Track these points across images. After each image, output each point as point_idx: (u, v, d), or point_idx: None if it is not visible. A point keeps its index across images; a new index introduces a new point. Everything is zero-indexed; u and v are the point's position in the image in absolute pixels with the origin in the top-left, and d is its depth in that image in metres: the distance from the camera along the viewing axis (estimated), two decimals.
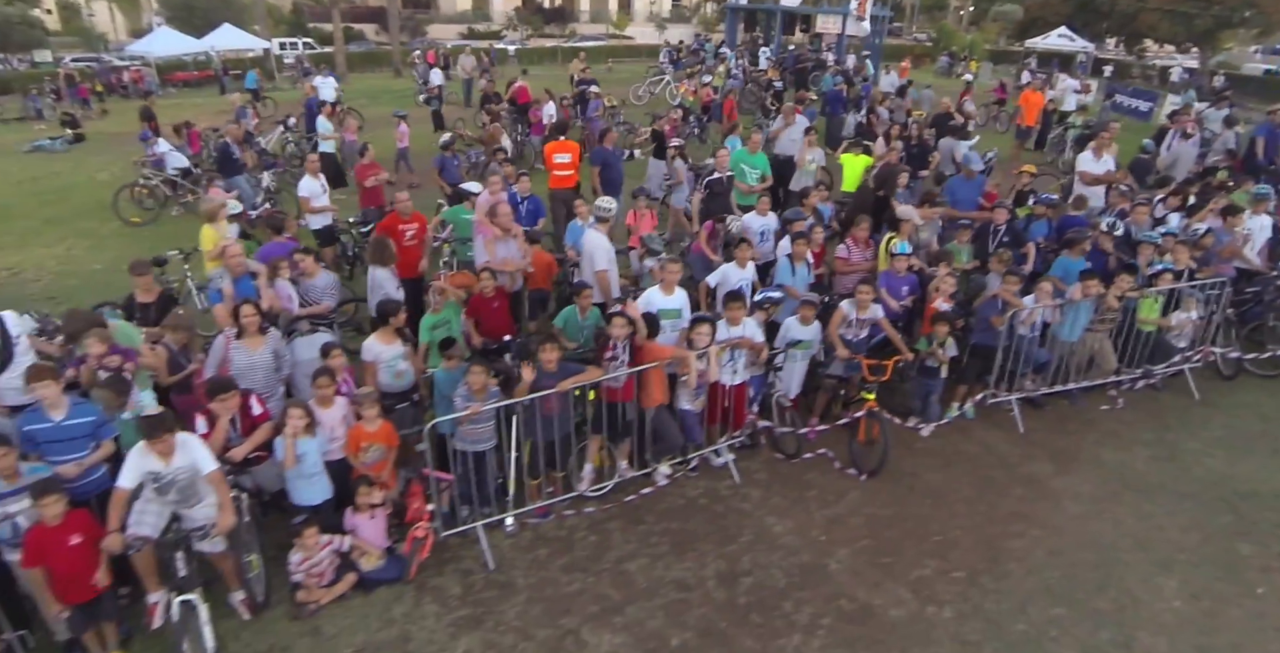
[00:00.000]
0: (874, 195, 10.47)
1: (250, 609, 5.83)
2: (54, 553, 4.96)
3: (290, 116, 18.67)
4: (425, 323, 7.24)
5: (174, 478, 5.26)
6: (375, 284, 8.03)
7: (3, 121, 26.25)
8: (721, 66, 23.65)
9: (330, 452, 6.22)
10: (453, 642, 5.65)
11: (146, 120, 17.35)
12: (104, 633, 5.42)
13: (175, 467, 5.22)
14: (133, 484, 5.15)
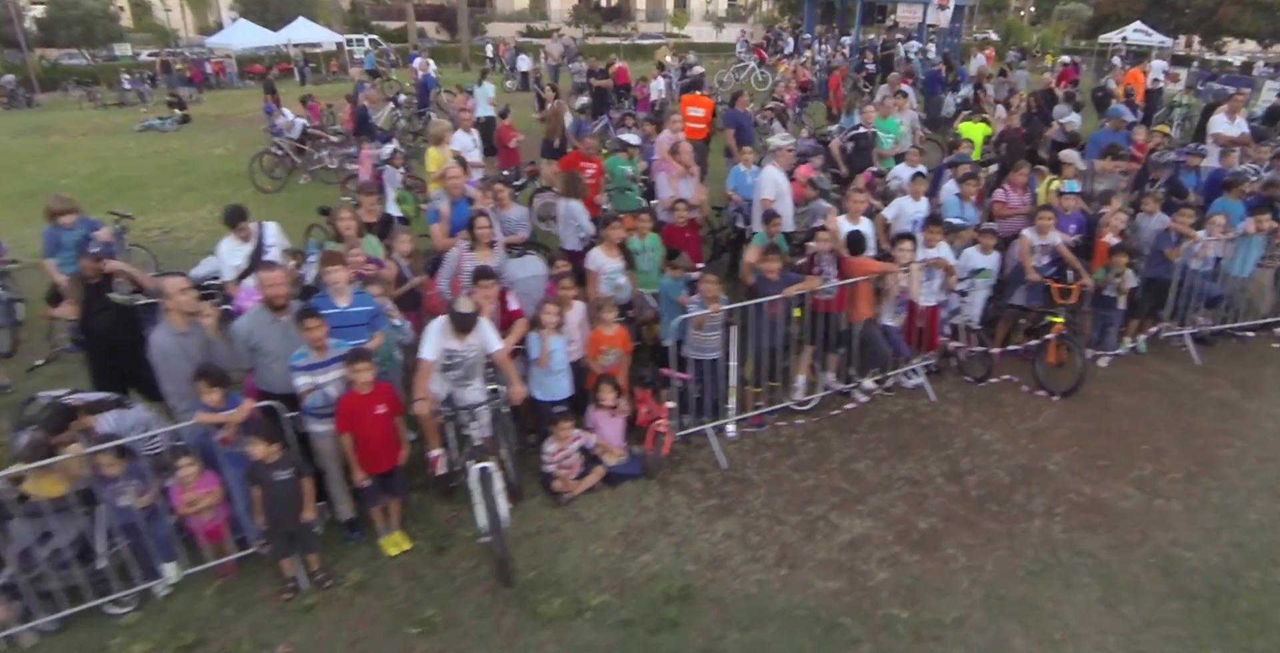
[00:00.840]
0: (1024, 147, 10.77)
1: (510, 498, 6.20)
2: (362, 420, 5.36)
3: (399, 94, 19.24)
4: (633, 246, 7.60)
5: (465, 356, 5.66)
6: (568, 215, 8.40)
7: (103, 107, 27.25)
8: (808, 52, 24.07)
9: (569, 353, 6.57)
10: (710, 526, 5.98)
11: (269, 93, 18.00)
12: (389, 511, 5.82)
13: (468, 345, 5.63)
14: (434, 357, 5.56)
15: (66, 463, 4.87)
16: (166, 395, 5.44)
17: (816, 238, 6.99)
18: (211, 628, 5.13)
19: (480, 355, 5.75)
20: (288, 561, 5.39)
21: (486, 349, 5.70)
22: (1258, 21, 34.02)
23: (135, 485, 5.08)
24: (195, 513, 5.26)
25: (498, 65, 32.58)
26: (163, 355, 5.28)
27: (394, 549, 5.75)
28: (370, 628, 5.14)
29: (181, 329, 5.31)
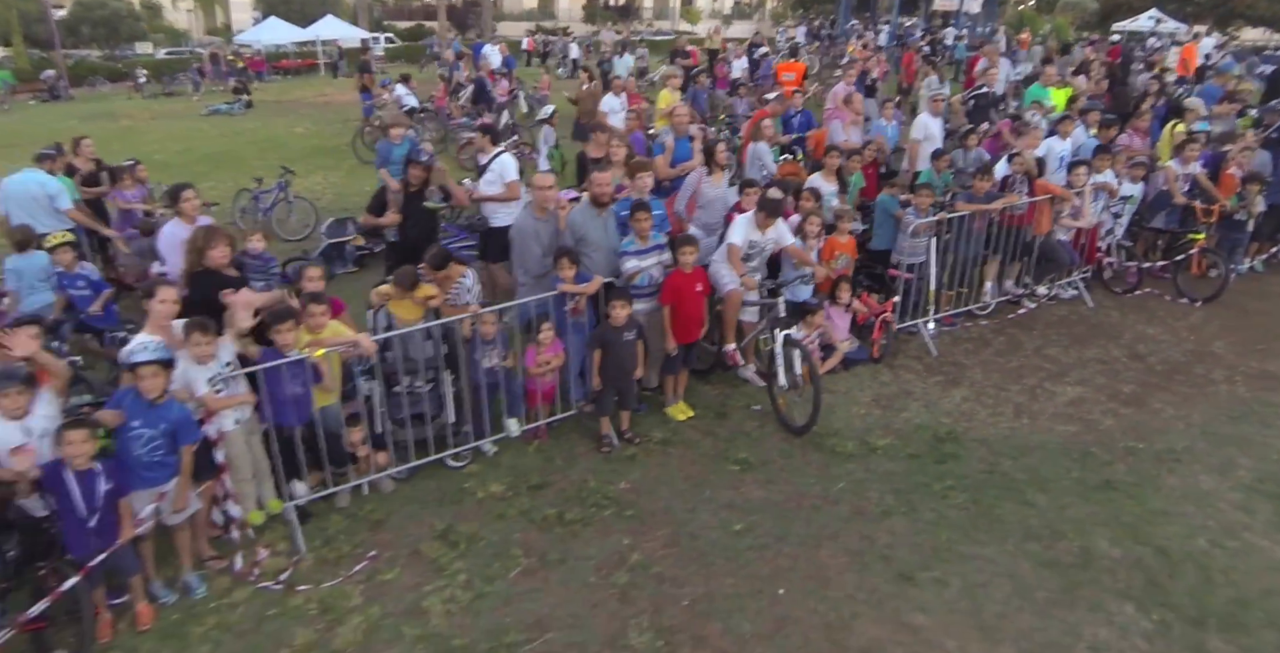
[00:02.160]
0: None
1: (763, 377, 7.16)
2: (683, 295, 6.29)
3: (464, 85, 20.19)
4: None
5: (762, 247, 6.63)
6: (755, 156, 9.39)
7: (152, 96, 27.89)
8: (858, 39, 25.30)
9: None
10: (946, 393, 6.99)
11: (363, 72, 18.84)
12: (679, 382, 6.75)
13: (767, 238, 6.59)
14: (741, 244, 6.51)
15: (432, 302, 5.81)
16: (515, 270, 6.34)
17: (1013, 162, 8.03)
18: (550, 474, 6.01)
19: (772, 247, 6.71)
20: (605, 419, 6.29)
21: (781, 243, 6.67)
22: (1274, 6, 35.26)
23: (498, 348, 5.95)
24: (542, 374, 6.14)
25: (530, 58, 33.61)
26: (520, 235, 6.21)
27: (681, 416, 6.67)
28: (694, 467, 6.05)
29: (540, 217, 6.23)
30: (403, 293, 5.77)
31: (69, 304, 6.77)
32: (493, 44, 22.53)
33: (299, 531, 5.28)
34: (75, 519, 4.22)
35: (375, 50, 38.67)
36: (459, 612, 4.69)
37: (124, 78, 32.01)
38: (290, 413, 5.15)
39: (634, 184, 6.70)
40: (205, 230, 5.69)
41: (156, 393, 4.41)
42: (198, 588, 4.85)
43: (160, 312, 4.80)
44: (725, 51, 21.26)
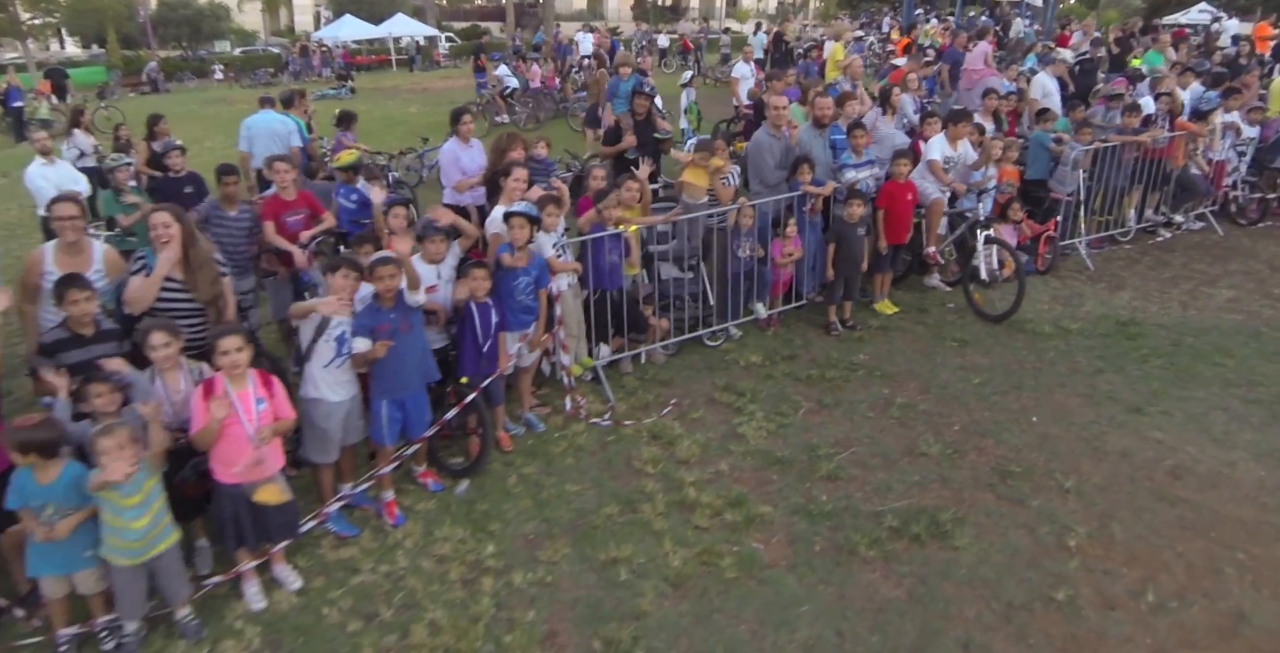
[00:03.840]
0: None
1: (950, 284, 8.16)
2: (895, 201, 7.30)
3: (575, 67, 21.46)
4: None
5: (955, 162, 7.65)
6: (901, 106, 10.40)
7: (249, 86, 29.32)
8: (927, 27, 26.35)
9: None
10: (1114, 294, 7.97)
11: (478, 55, 20.09)
12: (885, 279, 7.75)
13: (959, 153, 7.61)
14: (940, 158, 7.52)
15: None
16: (751, 181, 7.38)
17: (1160, 101, 9.02)
18: (795, 349, 7.02)
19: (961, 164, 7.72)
20: (833, 308, 7.31)
21: (967, 159, 7.68)
22: None
23: (751, 241, 6.99)
24: (785, 265, 7.17)
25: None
26: (757, 150, 7.25)
27: (888, 310, 7.69)
28: (918, 344, 7.05)
29: (774, 135, 7.27)
30: (704, 158, 6.80)
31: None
32: (585, 32, 23.78)
33: (607, 383, 6.34)
34: (474, 345, 5.26)
35: (442, 47, 40.19)
36: (769, 436, 5.72)
37: (207, 74, 33.57)
38: (606, 280, 6.20)
39: (844, 111, 7.75)
40: (507, 135, 6.83)
41: (524, 240, 5.41)
42: (537, 424, 5.91)
43: (514, 187, 5.86)
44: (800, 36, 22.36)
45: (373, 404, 4.71)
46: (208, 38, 39.98)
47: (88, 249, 4.98)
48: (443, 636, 3.98)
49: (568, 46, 21.03)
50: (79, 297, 4.24)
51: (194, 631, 4.01)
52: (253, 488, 4.02)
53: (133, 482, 3.64)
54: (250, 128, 9.11)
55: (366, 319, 4.54)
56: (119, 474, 3.50)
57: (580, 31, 24.16)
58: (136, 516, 3.69)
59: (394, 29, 36.60)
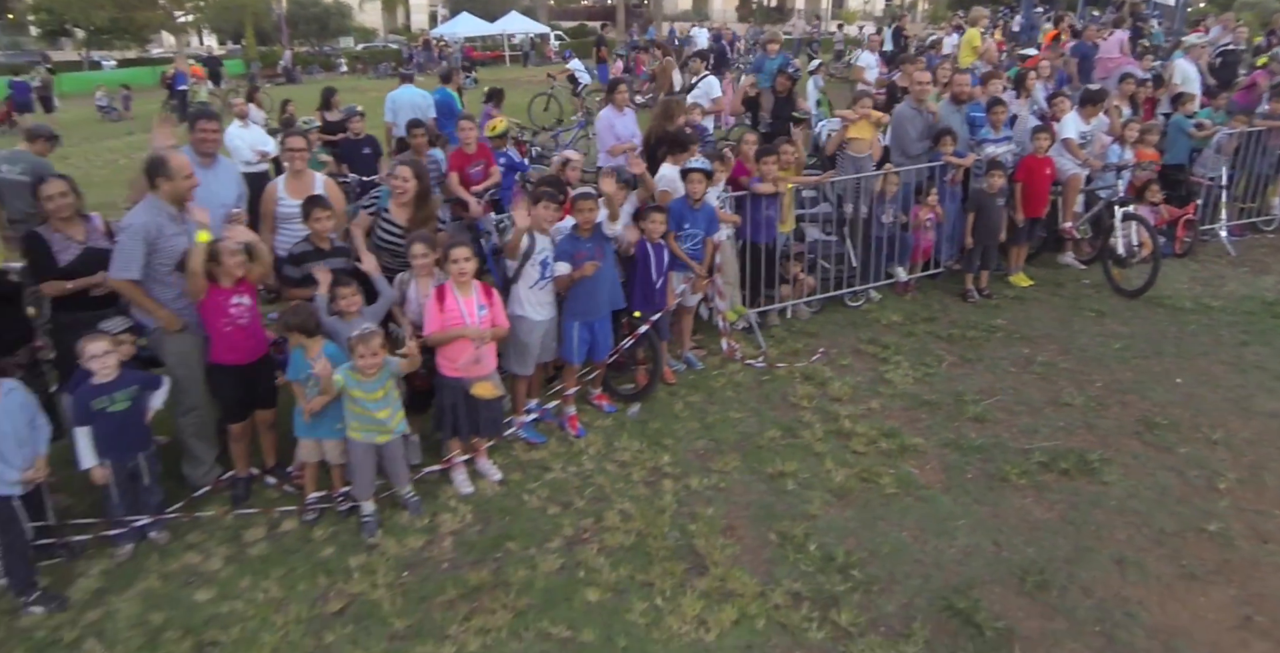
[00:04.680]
0: None
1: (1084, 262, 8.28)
2: (1034, 175, 7.47)
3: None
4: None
5: (1089, 137, 7.79)
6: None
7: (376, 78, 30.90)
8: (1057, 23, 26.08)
9: None
10: (1257, 277, 7.98)
11: (599, 47, 20.90)
12: (1020, 252, 7.93)
13: (1093, 127, 7.75)
14: (1076, 136, 7.68)
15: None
16: (894, 151, 7.68)
17: None
18: (934, 312, 7.27)
19: (1096, 141, 7.86)
20: (970, 276, 7.55)
21: (1101, 138, 7.82)
22: None
23: (894, 207, 7.31)
24: (926, 230, 7.45)
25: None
26: (899, 121, 7.59)
27: (1023, 282, 7.86)
28: (1056, 313, 7.22)
29: (917, 108, 7.57)
30: (865, 106, 7.33)
31: None
32: (700, 27, 24.34)
33: (759, 331, 6.75)
34: (648, 282, 5.72)
35: (553, 44, 41.36)
36: (915, 382, 6.04)
37: (333, 68, 35.42)
38: (761, 233, 6.61)
39: (985, 89, 7.99)
40: (676, 101, 7.33)
41: (699, 195, 5.87)
42: (696, 363, 6.36)
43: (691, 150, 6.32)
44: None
45: (564, 325, 5.24)
46: (333, 34, 42.16)
47: (310, 179, 5.66)
48: (633, 522, 4.46)
49: (685, 39, 21.60)
50: (321, 215, 4.90)
51: (415, 506, 4.60)
52: (470, 383, 4.59)
53: (378, 379, 4.25)
54: (394, 101, 10.02)
55: (567, 246, 5.08)
56: (371, 371, 4.13)
57: (695, 27, 24.71)
58: (379, 407, 4.29)
59: (508, 26, 37.85)
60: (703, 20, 59.61)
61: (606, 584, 3.99)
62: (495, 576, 4.08)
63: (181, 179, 4.45)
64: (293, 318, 4.33)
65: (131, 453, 4.22)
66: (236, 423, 4.66)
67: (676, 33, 24.84)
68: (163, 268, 4.45)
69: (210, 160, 5.18)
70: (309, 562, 4.23)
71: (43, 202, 4.53)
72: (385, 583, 4.04)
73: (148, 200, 4.48)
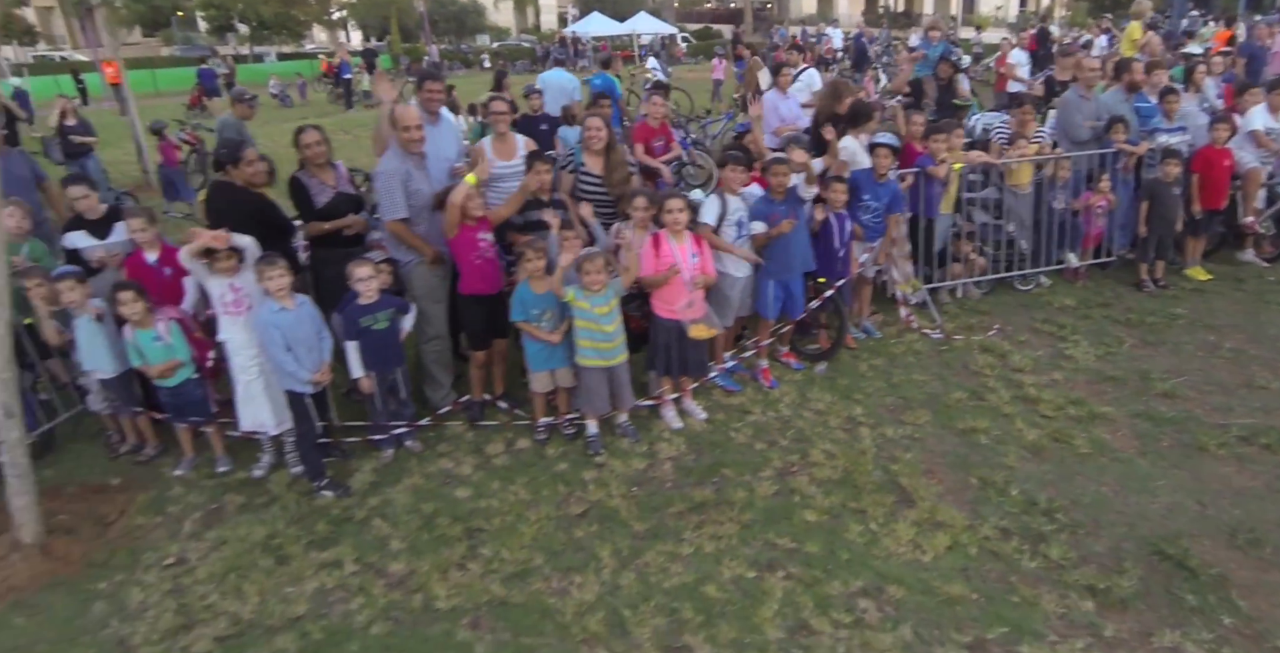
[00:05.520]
0: None
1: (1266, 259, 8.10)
2: (1211, 166, 7.38)
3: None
4: None
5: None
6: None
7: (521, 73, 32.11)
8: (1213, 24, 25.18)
9: None
10: None
11: (735, 45, 21.33)
12: (1198, 245, 7.83)
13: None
14: (1263, 127, 7.56)
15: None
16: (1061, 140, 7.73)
17: None
18: (1107, 299, 7.24)
19: None
20: (1144, 266, 7.52)
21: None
22: None
23: (1066, 193, 7.36)
24: (1099, 215, 7.47)
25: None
26: (1067, 108, 7.64)
27: (1201, 276, 7.75)
28: (1238, 305, 7.06)
29: (1085, 94, 7.63)
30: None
31: None
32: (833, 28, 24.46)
33: (933, 305, 6.95)
34: (830, 250, 6.00)
35: (680, 45, 41.98)
36: (1097, 359, 6.13)
37: (471, 64, 36.94)
38: (935, 210, 6.80)
39: (1149, 80, 7.97)
40: (844, 82, 7.62)
41: (885, 170, 6.11)
42: (874, 331, 6.62)
43: (871, 127, 6.58)
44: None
45: (760, 283, 5.60)
46: (470, 32, 43.93)
47: (513, 140, 6.12)
48: (837, 460, 4.78)
49: (819, 37, 21.79)
50: (542, 168, 5.34)
51: (632, 433, 5.05)
52: (685, 325, 5.00)
53: (604, 295, 4.69)
54: (544, 81, 10.76)
55: (763, 208, 5.44)
56: (597, 285, 4.60)
57: (829, 27, 24.83)
58: (608, 321, 4.74)
59: (637, 26, 38.58)
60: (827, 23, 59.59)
61: (822, 508, 4.33)
62: (717, 495, 4.47)
63: (402, 130, 4.95)
64: (529, 247, 4.77)
65: (390, 367, 4.80)
66: (480, 350, 5.20)
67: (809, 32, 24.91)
68: (412, 209, 4.98)
69: (435, 118, 5.66)
70: (547, 473, 4.72)
71: (301, 149, 5.17)
72: (619, 494, 4.49)
73: (392, 149, 5.03)
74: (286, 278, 4.38)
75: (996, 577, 3.85)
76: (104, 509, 4.72)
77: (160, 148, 10.51)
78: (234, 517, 4.52)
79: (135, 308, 4.56)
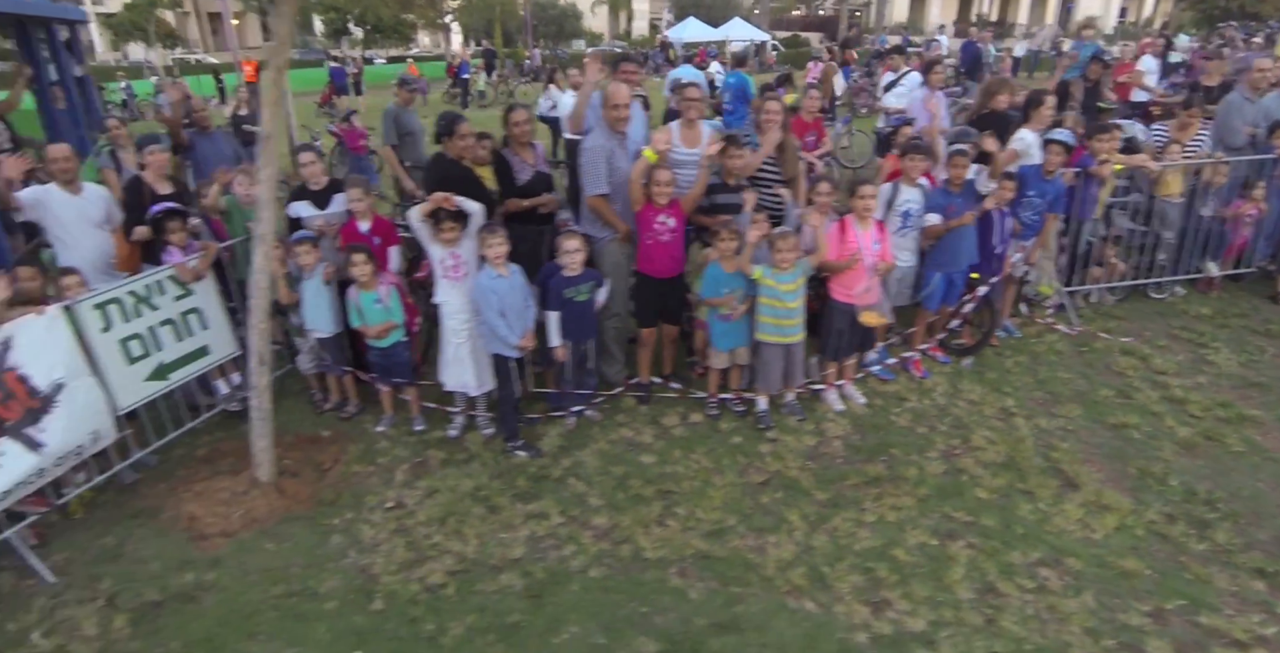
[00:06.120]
0: None
1: None
2: None
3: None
4: None
5: None
6: None
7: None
8: None
9: None
10: None
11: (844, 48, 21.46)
12: None
13: None
14: None
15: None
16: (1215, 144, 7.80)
17: None
18: (1243, 309, 7.26)
19: None
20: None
21: None
22: None
23: (1217, 200, 7.43)
24: (1247, 225, 7.52)
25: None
26: (1228, 110, 7.70)
27: None
28: None
29: (1250, 96, 7.68)
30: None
31: None
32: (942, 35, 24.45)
33: (1071, 309, 7.13)
34: (988, 247, 6.21)
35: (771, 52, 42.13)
36: (1241, 366, 6.24)
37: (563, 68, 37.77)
38: (1089, 211, 6.96)
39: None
40: (999, 80, 7.81)
41: (1055, 167, 6.30)
42: (1014, 331, 6.82)
43: (1045, 115, 6.69)
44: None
45: (926, 274, 5.89)
46: (567, 37, 44.93)
47: (700, 129, 6.29)
48: (998, 446, 5.06)
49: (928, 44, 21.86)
50: (736, 154, 5.57)
51: (799, 411, 5.41)
52: (860, 310, 5.33)
53: (791, 273, 5.03)
54: (680, 75, 11.03)
55: (940, 199, 5.73)
56: (787, 263, 4.96)
57: (939, 34, 24.80)
58: (792, 298, 5.07)
59: (730, 32, 38.94)
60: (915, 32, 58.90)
61: (991, 488, 4.63)
62: (889, 471, 4.80)
63: (611, 108, 5.31)
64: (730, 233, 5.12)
65: (584, 338, 5.22)
66: (646, 329, 5.60)
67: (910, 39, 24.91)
68: (611, 185, 5.32)
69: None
70: (724, 445, 5.12)
71: (509, 126, 5.56)
72: (795, 466, 4.86)
73: (599, 127, 5.42)
74: (505, 247, 4.80)
75: (1166, 556, 4.10)
76: (319, 457, 5.27)
77: (346, 135, 11.18)
78: (439, 470, 5.02)
79: (365, 269, 5.06)
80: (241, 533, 4.48)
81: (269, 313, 4.71)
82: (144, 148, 5.84)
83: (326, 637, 3.74)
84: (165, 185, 5.72)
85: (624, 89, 5.36)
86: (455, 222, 4.88)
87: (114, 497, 4.84)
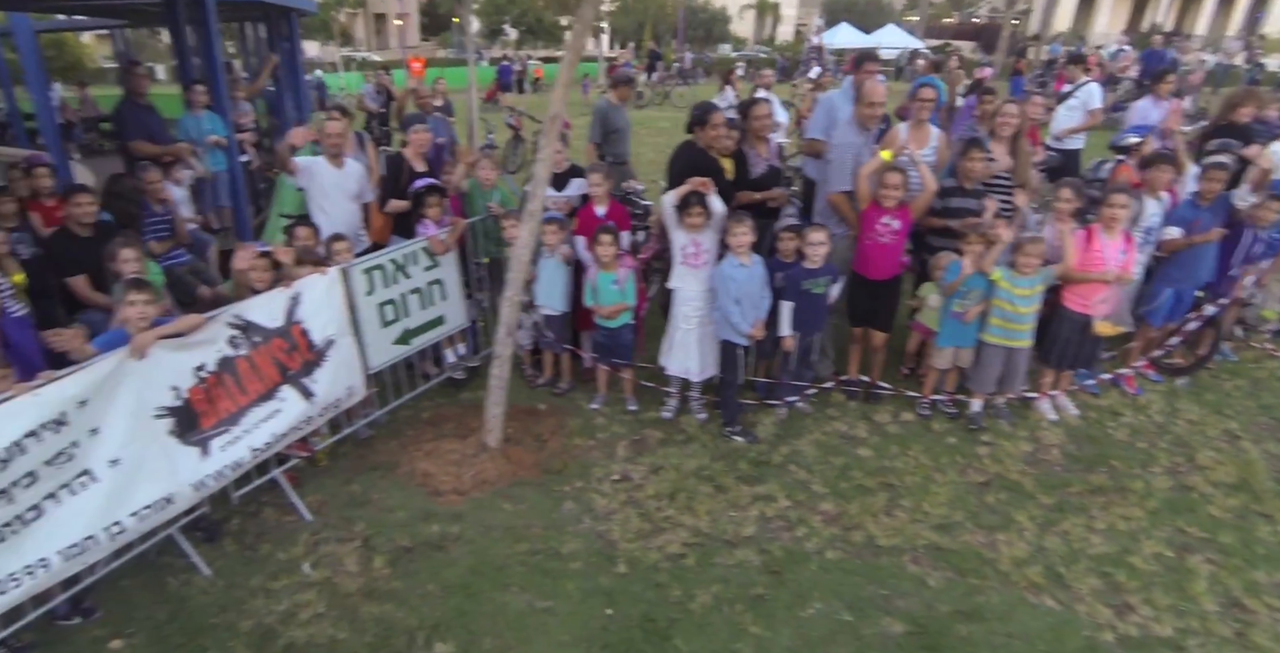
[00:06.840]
0: None
1: None
2: None
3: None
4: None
5: None
6: None
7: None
8: None
9: None
10: None
11: (1020, 57, 20.99)
12: None
13: None
14: None
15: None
16: None
17: None
18: None
19: None
20: None
21: None
22: None
23: None
24: None
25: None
26: None
27: None
28: None
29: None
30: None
31: None
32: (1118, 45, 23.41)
33: None
34: (1225, 265, 5.90)
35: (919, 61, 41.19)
36: None
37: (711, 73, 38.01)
38: None
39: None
40: (1246, 90, 7.54)
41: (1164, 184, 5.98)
42: (1231, 354, 6.56)
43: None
44: None
45: (1156, 289, 5.79)
46: (714, 41, 45.27)
47: (928, 130, 5.93)
48: (1225, 466, 4.97)
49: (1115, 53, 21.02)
50: (977, 156, 5.43)
51: (1008, 415, 5.45)
52: (1093, 320, 5.30)
53: (1031, 279, 5.03)
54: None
55: (1186, 213, 5.62)
56: (1029, 268, 4.98)
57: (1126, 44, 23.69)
58: (1025, 304, 5.09)
59: (883, 39, 38.35)
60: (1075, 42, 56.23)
61: (1224, 507, 4.56)
62: (1113, 482, 4.80)
63: (866, 105, 5.43)
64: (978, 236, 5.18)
65: (813, 331, 5.37)
66: (855, 327, 5.71)
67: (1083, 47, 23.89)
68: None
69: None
70: (939, 444, 5.23)
71: (750, 120, 5.72)
72: (1015, 470, 4.92)
73: (849, 124, 5.55)
74: (750, 236, 4.99)
75: None
76: (538, 429, 5.59)
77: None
78: (658, 448, 5.30)
79: (609, 250, 5.36)
80: (474, 493, 4.82)
81: (522, 286, 5.00)
82: (408, 127, 6.39)
83: (576, 594, 4.00)
84: (422, 163, 6.25)
85: (880, 87, 5.48)
86: (704, 208, 5.07)
87: (352, 448, 5.28)
